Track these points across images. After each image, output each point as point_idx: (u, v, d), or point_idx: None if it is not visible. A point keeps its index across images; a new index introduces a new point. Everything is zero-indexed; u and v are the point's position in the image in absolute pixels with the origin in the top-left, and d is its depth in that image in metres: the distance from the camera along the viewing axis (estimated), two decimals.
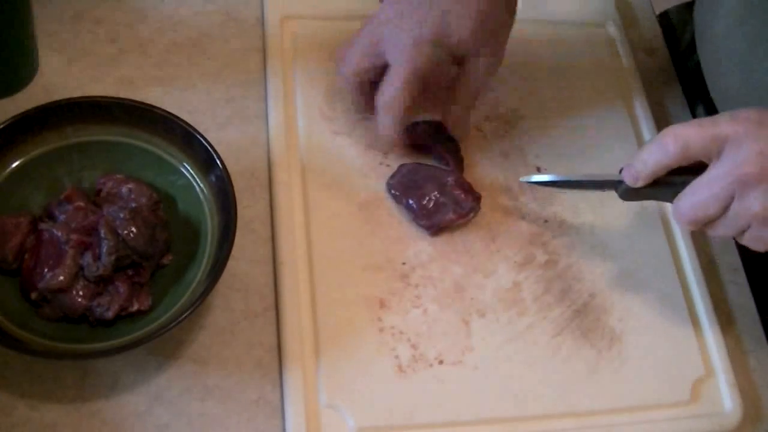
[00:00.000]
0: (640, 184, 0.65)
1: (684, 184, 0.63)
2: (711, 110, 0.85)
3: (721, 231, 0.64)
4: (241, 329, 0.68)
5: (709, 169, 0.62)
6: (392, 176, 0.75)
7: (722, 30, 0.78)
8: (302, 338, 0.67)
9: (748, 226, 0.62)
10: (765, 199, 0.60)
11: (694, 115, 0.86)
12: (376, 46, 0.71)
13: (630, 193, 0.67)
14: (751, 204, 0.61)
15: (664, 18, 0.94)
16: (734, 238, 0.64)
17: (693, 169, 0.63)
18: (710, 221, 0.63)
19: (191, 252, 0.68)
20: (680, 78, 0.88)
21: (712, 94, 0.81)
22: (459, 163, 0.75)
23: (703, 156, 0.62)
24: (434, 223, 0.72)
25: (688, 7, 0.93)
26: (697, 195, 0.62)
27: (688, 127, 0.62)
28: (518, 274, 0.73)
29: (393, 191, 0.74)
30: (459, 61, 0.72)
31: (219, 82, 0.79)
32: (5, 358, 0.64)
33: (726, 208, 0.62)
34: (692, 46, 0.87)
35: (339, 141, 0.77)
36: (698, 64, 0.84)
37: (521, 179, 0.75)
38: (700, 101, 0.87)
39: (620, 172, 0.67)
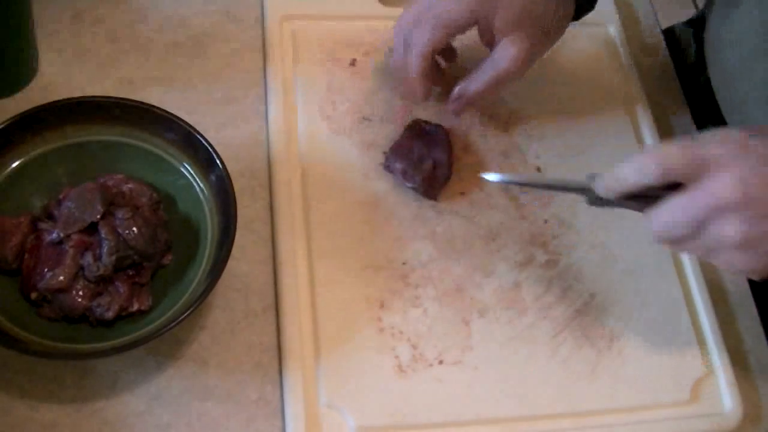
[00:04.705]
0: (610, 195, 0.63)
1: (657, 199, 0.61)
2: None
3: (691, 251, 0.62)
4: (241, 329, 0.68)
5: (687, 189, 0.59)
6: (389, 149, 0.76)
7: (740, 61, 0.78)
8: (302, 338, 0.67)
9: (720, 250, 0.60)
10: (741, 226, 0.58)
11: None
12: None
13: (598, 202, 0.65)
14: (726, 230, 0.58)
15: (669, 34, 0.93)
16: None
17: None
18: (682, 240, 0.62)
19: (191, 252, 0.68)
20: (687, 95, 0.88)
21: (728, 120, 0.81)
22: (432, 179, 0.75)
23: (684, 178, 0.60)
24: (423, 178, 0.73)
25: (692, 24, 0.93)
26: (672, 215, 0.60)
27: (672, 151, 0.60)
28: (518, 274, 0.73)
29: (386, 161, 0.75)
30: (490, 42, 0.73)
31: (219, 82, 0.79)
32: (5, 358, 0.64)
33: (699, 231, 0.60)
34: (699, 63, 0.87)
35: (339, 141, 0.77)
36: (707, 82, 0.84)
37: (481, 175, 0.70)
38: (711, 123, 0.87)
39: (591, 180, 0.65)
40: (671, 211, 0.60)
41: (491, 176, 0.69)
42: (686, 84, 0.88)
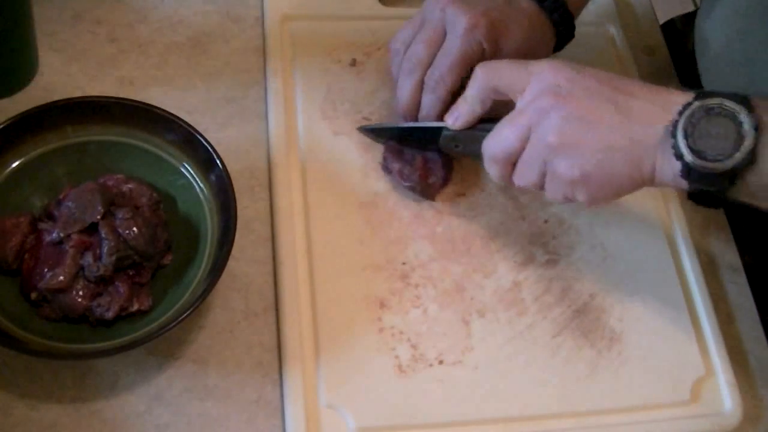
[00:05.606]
0: (459, 123, 0.69)
1: None
2: None
3: (524, 173, 0.65)
4: (241, 329, 0.68)
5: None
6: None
7: (722, 41, 0.78)
8: (302, 338, 0.67)
9: (547, 163, 0.63)
10: (557, 127, 0.62)
11: None
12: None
13: (451, 141, 0.71)
14: (546, 133, 0.62)
15: (669, 26, 0.93)
16: (548, 192, 0.65)
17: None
18: (514, 160, 0.65)
19: (191, 252, 0.68)
20: (686, 85, 0.88)
21: None
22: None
23: (511, 91, 0.65)
24: (419, 176, 0.73)
25: (693, 16, 0.93)
26: (500, 129, 0.65)
27: (500, 62, 0.67)
28: (518, 274, 0.73)
29: (384, 161, 0.75)
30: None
31: (219, 82, 0.79)
32: (5, 358, 0.64)
33: (526, 141, 0.64)
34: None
35: (339, 141, 0.77)
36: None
37: (358, 128, 0.77)
38: None
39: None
40: (500, 126, 0.65)
41: (366, 126, 0.77)
42: (686, 72, 0.88)
